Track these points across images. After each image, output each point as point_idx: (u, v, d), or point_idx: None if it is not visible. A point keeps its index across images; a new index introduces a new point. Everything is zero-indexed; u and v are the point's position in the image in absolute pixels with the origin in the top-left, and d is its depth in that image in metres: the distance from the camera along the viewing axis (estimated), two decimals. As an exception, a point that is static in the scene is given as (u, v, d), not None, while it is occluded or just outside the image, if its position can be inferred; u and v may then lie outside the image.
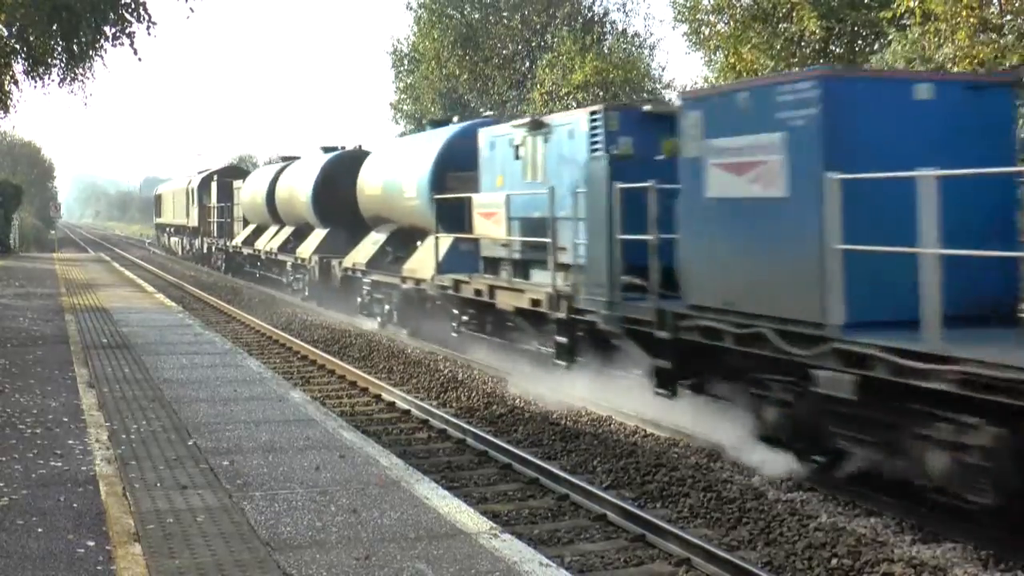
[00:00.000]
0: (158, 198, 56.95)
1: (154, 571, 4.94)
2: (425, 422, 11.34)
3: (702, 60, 26.28)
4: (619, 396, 11.17)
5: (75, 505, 6.01)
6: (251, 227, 32.47)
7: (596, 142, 11.39)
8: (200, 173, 43.48)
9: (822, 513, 7.69)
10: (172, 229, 51.60)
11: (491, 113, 25.51)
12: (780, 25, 23.92)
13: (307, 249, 24.36)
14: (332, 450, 7.59)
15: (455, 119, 19.82)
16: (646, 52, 36.29)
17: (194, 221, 42.55)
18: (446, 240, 15.51)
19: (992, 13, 17.94)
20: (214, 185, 38.74)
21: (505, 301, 13.26)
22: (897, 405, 6.91)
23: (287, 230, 28.01)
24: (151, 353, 12.67)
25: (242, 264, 34.25)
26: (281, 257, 27.53)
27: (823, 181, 7.33)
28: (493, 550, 5.35)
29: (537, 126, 12.84)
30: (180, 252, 49.02)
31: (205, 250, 40.90)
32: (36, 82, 19.58)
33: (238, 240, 33.52)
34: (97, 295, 21.92)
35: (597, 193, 10.69)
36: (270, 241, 28.89)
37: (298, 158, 30.19)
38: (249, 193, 32.13)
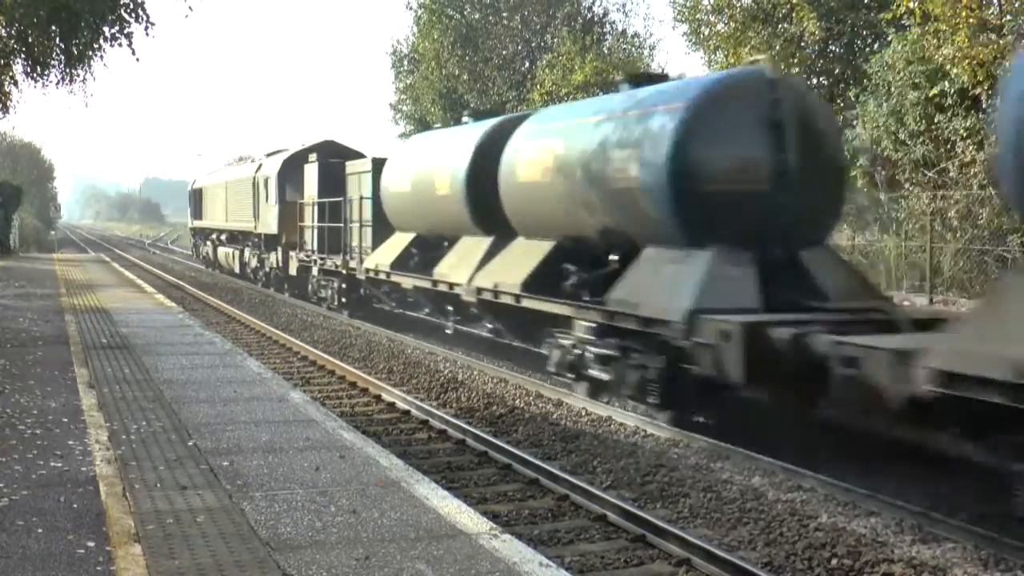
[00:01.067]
0: (197, 193, 40.36)
1: (154, 571, 4.94)
2: (425, 422, 11.34)
3: (702, 60, 26.32)
4: None
5: (75, 505, 6.01)
6: (405, 239, 18.44)
7: None
8: (272, 155, 29.42)
9: (822, 513, 7.70)
10: (224, 237, 35.05)
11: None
12: (780, 26, 23.98)
13: (659, 297, 10.51)
14: (332, 450, 7.59)
15: None
16: (646, 52, 36.39)
17: (269, 225, 27.53)
18: None
19: (992, 14, 17.96)
20: (311, 171, 24.46)
21: None
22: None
23: (538, 248, 13.59)
24: (151, 354, 12.67)
25: (374, 299, 20.63)
26: (540, 307, 12.69)
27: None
28: (493, 550, 5.35)
29: None
30: (238, 269, 32.54)
31: (293, 271, 26.13)
32: (36, 83, 19.57)
33: (382, 260, 18.60)
34: (97, 295, 21.92)
35: None
36: (482, 269, 14.60)
37: (499, 114, 18.19)
38: (406, 178, 18.08)
